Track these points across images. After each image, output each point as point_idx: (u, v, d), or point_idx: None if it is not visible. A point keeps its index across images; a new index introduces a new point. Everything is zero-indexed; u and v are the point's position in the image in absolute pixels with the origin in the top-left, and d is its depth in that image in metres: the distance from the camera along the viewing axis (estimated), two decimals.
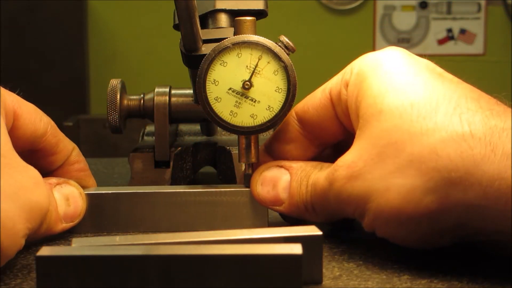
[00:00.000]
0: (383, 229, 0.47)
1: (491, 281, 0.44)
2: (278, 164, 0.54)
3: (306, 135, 0.54)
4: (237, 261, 0.39)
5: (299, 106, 0.55)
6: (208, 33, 0.58)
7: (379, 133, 0.47)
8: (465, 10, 3.15)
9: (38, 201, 0.46)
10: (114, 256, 0.39)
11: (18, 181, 0.45)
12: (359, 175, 0.47)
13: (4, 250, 0.43)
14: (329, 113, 0.53)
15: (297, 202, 0.52)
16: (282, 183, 0.53)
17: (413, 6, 3.15)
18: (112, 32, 2.90)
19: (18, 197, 0.45)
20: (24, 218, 0.45)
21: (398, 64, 0.49)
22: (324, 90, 0.54)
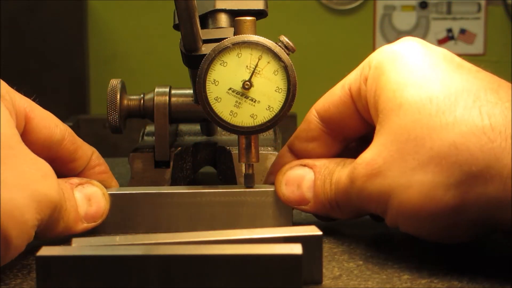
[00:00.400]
0: (406, 225, 0.47)
1: (491, 281, 0.44)
2: (301, 163, 0.54)
3: (329, 132, 0.54)
4: (237, 261, 0.39)
5: (319, 104, 0.55)
6: (208, 33, 0.58)
7: (398, 129, 0.47)
8: (465, 10, 3.15)
9: (47, 193, 0.46)
10: (114, 256, 0.39)
11: (26, 172, 0.45)
12: (379, 173, 0.47)
13: (14, 240, 0.43)
14: (350, 109, 0.53)
15: (322, 201, 0.52)
16: (307, 182, 0.53)
17: (413, 6, 3.15)
18: (112, 32, 2.90)
19: (26, 188, 0.44)
20: (33, 208, 0.44)
21: (416, 56, 0.49)
22: (343, 86, 0.53)
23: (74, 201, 0.51)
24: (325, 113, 0.54)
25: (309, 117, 0.55)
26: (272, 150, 0.64)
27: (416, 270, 0.46)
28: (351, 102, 0.53)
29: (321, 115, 0.54)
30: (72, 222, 0.51)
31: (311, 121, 0.55)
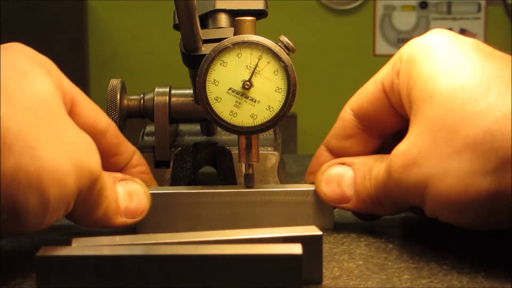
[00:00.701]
0: (444, 214, 0.47)
1: (491, 281, 0.44)
2: (339, 161, 0.54)
3: (365, 129, 0.54)
4: (237, 261, 0.39)
5: (353, 101, 0.55)
6: (208, 33, 0.58)
7: (431, 118, 0.47)
8: (465, 10, 3.15)
9: (88, 163, 0.46)
10: (114, 256, 0.39)
11: (69, 139, 0.45)
12: (415, 163, 0.47)
13: (52, 201, 0.43)
14: (384, 105, 0.53)
15: (364, 197, 0.52)
16: (347, 180, 0.53)
17: (413, 6, 3.15)
18: (112, 32, 2.90)
19: (68, 153, 0.44)
20: (74, 175, 0.44)
21: (446, 47, 0.49)
22: (375, 82, 0.53)
23: (116, 193, 0.51)
24: (360, 109, 0.54)
25: (344, 115, 0.55)
26: (272, 150, 0.64)
27: (416, 270, 0.46)
28: (385, 97, 0.53)
29: (355, 112, 0.54)
30: (112, 212, 0.50)
31: (346, 119, 0.55)
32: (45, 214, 0.43)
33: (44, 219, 0.43)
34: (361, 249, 0.50)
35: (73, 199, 0.45)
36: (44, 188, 0.42)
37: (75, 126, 0.47)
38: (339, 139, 0.55)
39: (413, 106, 0.49)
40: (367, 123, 0.54)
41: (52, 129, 0.44)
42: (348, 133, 0.55)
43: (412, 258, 0.48)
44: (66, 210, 0.45)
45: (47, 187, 0.42)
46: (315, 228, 0.44)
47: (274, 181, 0.63)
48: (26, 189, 0.41)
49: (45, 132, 0.44)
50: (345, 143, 0.55)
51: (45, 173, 0.42)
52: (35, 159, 0.42)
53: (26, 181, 0.41)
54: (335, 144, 0.56)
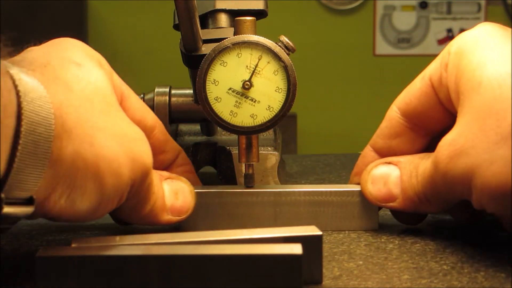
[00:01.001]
0: (491, 205, 0.46)
1: (491, 281, 0.44)
2: (385, 161, 0.54)
3: (412, 127, 0.54)
4: (237, 261, 0.39)
5: (399, 99, 0.55)
6: (208, 33, 0.58)
7: (479, 106, 0.46)
8: (465, 10, 3.15)
9: (141, 154, 0.47)
10: (114, 256, 0.39)
11: (124, 131, 0.46)
12: (461, 152, 0.46)
13: (108, 191, 0.43)
14: (432, 100, 0.53)
15: (411, 195, 0.52)
16: (393, 179, 0.53)
17: (413, 6, 3.15)
18: (112, 32, 2.90)
19: (123, 143, 0.45)
20: (128, 166, 0.45)
21: (494, 37, 0.49)
22: (423, 78, 0.53)
23: (162, 191, 0.52)
24: (407, 106, 0.54)
25: (390, 113, 0.55)
26: (272, 150, 0.64)
27: (416, 270, 0.46)
28: (433, 93, 0.53)
29: (402, 109, 0.54)
30: (158, 209, 0.51)
31: (393, 117, 0.55)
32: (100, 202, 0.44)
33: (99, 208, 0.44)
34: (361, 249, 0.50)
35: (126, 190, 0.46)
36: (101, 176, 0.43)
37: (127, 118, 0.48)
38: (385, 139, 0.55)
39: (460, 97, 0.48)
40: (414, 121, 0.54)
41: (107, 119, 0.45)
42: (394, 132, 0.55)
43: (412, 258, 0.48)
44: (119, 202, 0.46)
45: (104, 176, 0.43)
46: (315, 228, 0.44)
47: (274, 181, 0.63)
48: (84, 175, 0.42)
49: (101, 121, 0.44)
50: (391, 142, 0.55)
51: (102, 162, 0.43)
52: (93, 146, 0.43)
53: (84, 168, 0.42)
54: (381, 144, 0.56)
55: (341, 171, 0.82)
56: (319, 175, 0.80)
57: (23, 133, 0.37)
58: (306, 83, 2.38)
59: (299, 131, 2.88)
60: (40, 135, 0.39)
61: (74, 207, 0.43)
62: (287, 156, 0.88)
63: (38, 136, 0.39)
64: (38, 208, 0.41)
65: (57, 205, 0.42)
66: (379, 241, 0.52)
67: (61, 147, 0.41)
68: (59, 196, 0.42)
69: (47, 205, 0.42)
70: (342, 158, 0.93)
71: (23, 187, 0.39)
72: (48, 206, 0.42)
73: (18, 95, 0.38)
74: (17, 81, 0.38)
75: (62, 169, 0.41)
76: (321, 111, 3.16)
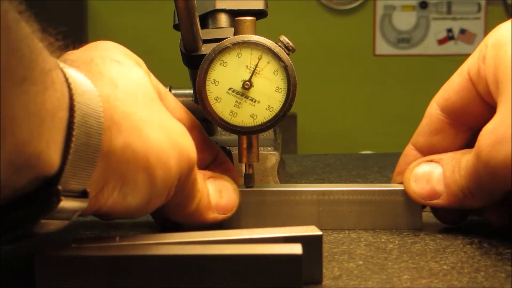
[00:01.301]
0: None
1: (491, 281, 0.44)
2: (427, 159, 0.54)
3: (452, 123, 0.54)
4: (237, 261, 0.39)
5: (439, 96, 0.55)
6: (208, 33, 0.58)
7: None
8: (465, 10, 3.16)
9: (187, 148, 0.47)
10: (114, 256, 0.39)
11: (168, 125, 0.46)
12: (502, 139, 0.46)
13: (158, 183, 0.44)
14: (471, 94, 0.53)
15: (454, 191, 0.52)
16: (436, 176, 0.53)
17: (413, 6, 3.15)
18: (112, 32, 2.90)
19: (169, 136, 0.46)
20: (175, 158, 0.45)
21: None
22: (461, 72, 0.53)
23: (207, 189, 0.52)
24: (446, 102, 0.54)
25: (430, 110, 0.55)
26: (272, 150, 0.64)
27: (416, 270, 0.46)
28: (472, 86, 0.53)
29: (442, 106, 0.54)
30: (204, 207, 0.51)
31: (433, 114, 0.55)
32: (151, 196, 0.44)
33: (149, 202, 0.45)
34: (361, 249, 0.50)
35: (174, 184, 0.46)
36: (151, 168, 0.43)
37: (170, 114, 0.48)
38: (426, 136, 0.55)
39: (499, 86, 0.48)
40: (454, 117, 0.54)
41: (152, 113, 0.45)
42: (435, 129, 0.55)
43: (412, 258, 0.48)
44: (167, 196, 0.46)
45: (154, 167, 0.44)
46: (315, 228, 0.44)
47: (274, 181, 0.63)
48: (134, 167, 0.43)
49: (147, 115, 0.45)
50: (432, 139, 0.55)
51: (151, 154, 0.43)
52: (141, 139, 0.43)
53: (134, 160, 0.42)
54: (423, 142, 0.56)
55: (341, 171, 0.83)
56: (319, 175, 0.80)
57: (76, 124, 0.37)
58: (306, 83, 2.38)
59: (299, 131, 2.88)
60: (91, 127, 0.39)
61: (125, 202, 0.43)
62: (287, 156, 0.88)
63: (90, 128, 0.39)
64: (92, 202, 0.41)
65: (110, 200, 0.43)
66: (379, 241, 0.52)
67: (111, 139, 0.41)
68: (112, 189, 0.42)
69: (100, 199, 0.42)
70: (342, 158, 0.94)
71: (77, 180, 0.39)
72: (101, 201, 0.42)
73: (69, 88, 0.38)
74: (67, 74, 0.38)
75: (113, 162, 0.41)
76: (321, 111, 3.16)
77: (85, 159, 0.39)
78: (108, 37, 0.54)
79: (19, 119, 0.33)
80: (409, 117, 3.21)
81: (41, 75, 0.34)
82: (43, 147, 0.35)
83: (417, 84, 3.16)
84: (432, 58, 3.17)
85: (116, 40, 0.50)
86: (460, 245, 0.51)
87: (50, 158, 0.36)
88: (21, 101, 0.33)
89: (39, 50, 0.34)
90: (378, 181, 0.77)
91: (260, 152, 0.59)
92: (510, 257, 0.48)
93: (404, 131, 3.58)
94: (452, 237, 0.53)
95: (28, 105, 0.33)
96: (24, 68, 0.33)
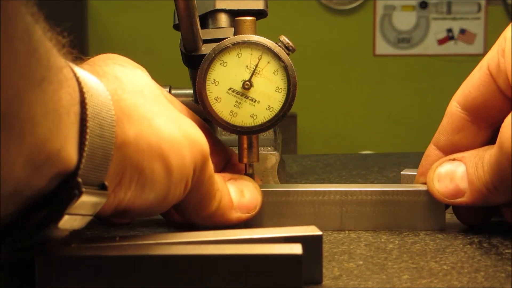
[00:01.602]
0: None
1: (491, 281, 0.44)
2: (449, 158, 0.54)
3: (473, 120, 0.54)
4: (237, 261, 0.39)
5: (458, 93, 0.55)
6: (208, 33, 0.58)
7: None
8: (465, 10, 3.16)
9: (198, 138, 0.47)
10: (114, 256, 0.39)
11: (178, 116, 0.47)
12: None
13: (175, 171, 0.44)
14: (491, 89, 0.53)
15: (479, 187, 0.51)
16: (459, 174, 0.53)
17: (413, 6, 3.15)
18: (112, 32, 2.90)
19: (179, 126, 0.46)
20: (188, 147, 0.45)
21: None
22: (481, 67, 0.53)
23: (227, 189, 0.52)
24: (466, 99, 0.54)
25: (451, 109, 0.55)
26: (272, 150, 0.64)
27: (416, 270, 0.46)
28: (492, 81, 0.53)
29: (462, 103, 0.54)
30: (226, 207, 0.51)
31: (453, 112, 0.55)
32: (169, 187, 0.44)
33: (168, 194, 0.45)
34: (361, 249, 0.50)
35: (190, 175, 0.46)
36: (166, 156, 0.44)
37: (175, 110, 0.48)
38: (447, 135, 0.55)
39: None
40: (475, 113, 0.54)
41: (159, 107, 0.46)
42: (456, 127, 0.55)
43: (412, 258, 0.48)
44: (185, 190, 0.46)
45: (169, 155, 0.44)
46: (315, 228, 0.44)
47: (274, 181, 0.63)
48: (149, 157, 0.43)
49: (154, 107, 0.45)
50: (454, 138, 0.55)
51: (164, 143, 0.44)
52: (152, 128, 0.43)
53: (148, 149, 0.43)
54: (444, 141, 0.55)
55: (341, 171, 0.83)
56: (319, 175, 0.80)
57: (89, 116, 0.38)
58: (306, 83, 2.38)
59: (299, 131, 2.88)
60: (104, 119, 0.39)
61: (144, 195, 0.43)
62: (287, 156, 0.88)
63: (102, 120, 0.39)
64: (111, 197, 0.42)
65: (128, 193, 0.43)
66: (379, 241, 0.52)
67: (123, 130, 0.41)
68: (129, 181, 0.42)
69: (118, 193, 0.42)
70: (342, 158, 0.94)
71: (95, 174, 0.39)
72: (120, 195, 0.42)
73: (79, 81, 0.38)
74: (75, 69, 0.39)
75: (128, 152, 0.41)
76: (321, 111, 3.16)
77: (101, 151, 0.39)
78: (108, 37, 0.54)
79: (39, 119, 0.34)
80: (409, 117, 3.22)
81: (56, 73, 0.35)
82: (62, 143, 0.36)
83: (417, 84, 3.16)
84: (432, 58, 3.17)
85: (116, 40, 0.50)
86: (460, 245, 0.51)
87: (69, 153, 0.36)
88: (41, 100, 0.34)
89: (52, 50, 0.35)
90: (378, 181, 0.77)
91: (260, 152, 0.59)
92: (510, 257, 0.48)
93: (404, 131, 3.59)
94: (452, 237, 0.53)
95: (47, 104, 0.34)
96: (42, 68, 0.34)
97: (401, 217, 0.55)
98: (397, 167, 0.83)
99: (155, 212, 0.47)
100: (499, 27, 2.29)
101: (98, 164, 0.39)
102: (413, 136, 3.10)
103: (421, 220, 0.55)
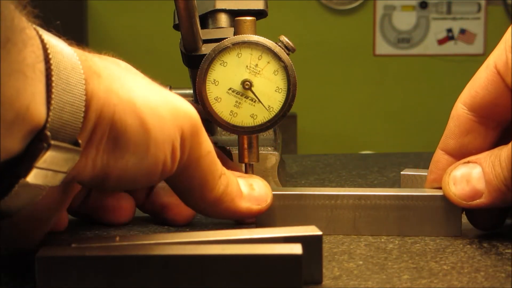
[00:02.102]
0: None
1: (491, 281, 0.44)
2: (464, 161, 0.53)
3: (481, 120, 0.53)
4: (237, 261, 0.39)
5: (465, 95, 0.54)
6: (208, 33, 0.58)
7: None
8: (465, 10, 3.16)
9: (183, 105, 0.46)
10: (114, 256, 0.39)
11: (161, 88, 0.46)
12: None
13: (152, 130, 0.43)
14: (499, 87, 0.52)
15: (497, 185, 0.50)
16: (475, 175, 0.51)
17: (413, 6, 3.15)
18: (112, 32, 2.90)
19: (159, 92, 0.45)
20: (168, 110, 0.44)
21: None
22: (487, 66, 0.53)
23: (236, 179, 0.51)
24: (473, 99, 0.53)
25: (457, 111, 0.54)
26: (272, 150, 0.64)
27: (416, 270, 0.46)
28: (499, 79, 0.52)
29: (469, 104, 0.53)
30: (234, 193, 0.50)
31: (460, 114, 0.54)
32: (149, 146, 0.43)
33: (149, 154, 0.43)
34: (361, 249, 0.50)
35: (176, 140, 0.45)
36: (140, 111, 0.42)
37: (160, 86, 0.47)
38: (456, 138, 0.54)
39: None
40: (482, 113, 0.53)
41: (136, 77, 0.45)
42: (464, 129, 0.54)
43: (412, 258, 0.48)
44: (174, 157, 0.45)
45: (142, 111, 0.42)
46: (315, 228, 0.44)
47: (274, 181, 0.63)
48: (121, 109, 0.42)
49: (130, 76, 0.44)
50: (463, 140, 0.54)
51: (137, 98, 0.43)
52: (124, 87, 0.42)
53: (119, 102, 0.42)
54: (453, 144, 0.54)
55: (341, 171, 0.83)
56: (319, 175, 0.80)
57: (54, 71, 0.38)
58: (306, 83, 2.39)
59: (299, 131, 2.88)
60: (70, 75, 0.39)
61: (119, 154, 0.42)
62: (287, 156, 0.88)
63: (69, 76, 0.39)
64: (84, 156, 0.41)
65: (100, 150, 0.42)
66: (379, 241, 0.52)
67: (93, 86, 0.41)
68: (100, 137, 0.41)
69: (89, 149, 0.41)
70: (342, 158, 0.94)
71: (66, 129, 0.39)
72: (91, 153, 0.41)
73: (42, 40, 0.39)
74: (37, 29, 0.39)
75: (98, 105, 0.41)
76: (321, 111, 3.16)
77: (70, 106, 0.39)
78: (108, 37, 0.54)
79: (5, 79, 0.34)
80: (409, 117, 3.22)
81: (20, 33, 0.36)
82: (29, 100, 0.36)
83: (417, 84, 3.16)
84: (432, 58, 3.17)
85: (116, 40, 0.50)
86: (460, 245, 0.51)
87: (37, 110, 0.37)
88: (5, 61, 0.34)
89: (14, 11, 0.36)
90: (378, 181, 0.77)
91: (260, 152, 0.59)
92: (510, 257, 0.48)
93: (404, 131, 3.59)
94: (452, 237, 0.53)
95: (12, 64, 0.35)
96: (6, 30, 0.34)
97: (416, 222, 0.53)
98: (397, 167, 0.83)
99: (142, 181, 0.45)
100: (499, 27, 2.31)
101: (68, 119, 0.39)
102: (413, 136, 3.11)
103: (437, 226, 0.53)
